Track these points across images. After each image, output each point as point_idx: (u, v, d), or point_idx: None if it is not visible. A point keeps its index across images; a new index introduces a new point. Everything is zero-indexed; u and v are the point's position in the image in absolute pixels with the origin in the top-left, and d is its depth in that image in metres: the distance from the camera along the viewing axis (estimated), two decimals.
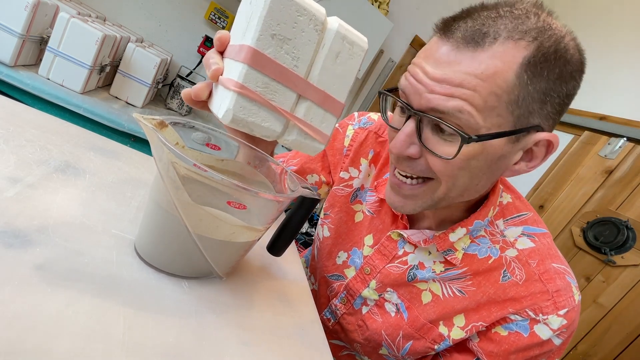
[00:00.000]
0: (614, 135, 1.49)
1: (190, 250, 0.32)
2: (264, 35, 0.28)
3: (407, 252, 0.52)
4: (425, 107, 0.37)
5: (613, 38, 1.65)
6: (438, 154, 0.38)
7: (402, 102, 0.40)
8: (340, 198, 0.60)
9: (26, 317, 0.22)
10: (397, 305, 0.52)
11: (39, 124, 0.45)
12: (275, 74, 0.29)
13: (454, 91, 0.35)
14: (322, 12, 0.30)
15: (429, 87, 0.36)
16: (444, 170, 0.39)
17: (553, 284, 0.42)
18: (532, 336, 0.42)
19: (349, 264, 0.58)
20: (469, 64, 0.34)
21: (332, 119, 0.34)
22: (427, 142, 0.38)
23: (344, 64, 0.32)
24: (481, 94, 0.34)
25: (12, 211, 0.29)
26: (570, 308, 0.42)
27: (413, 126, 0.39)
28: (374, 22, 1.70)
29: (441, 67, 0.36)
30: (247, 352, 0.30)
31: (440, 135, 0.38)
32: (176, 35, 1.58)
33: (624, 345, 1.32)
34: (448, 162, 0.38)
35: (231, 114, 0.29)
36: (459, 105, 0.35)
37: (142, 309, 0.28)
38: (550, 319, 0.41)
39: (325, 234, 0.61)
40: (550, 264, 0.44)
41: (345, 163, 0.60)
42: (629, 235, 1.34)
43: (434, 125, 0.38)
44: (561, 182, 1.62)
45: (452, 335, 0.48)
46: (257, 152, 0.42)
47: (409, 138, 0.39)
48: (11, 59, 0.98)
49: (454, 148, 0.37)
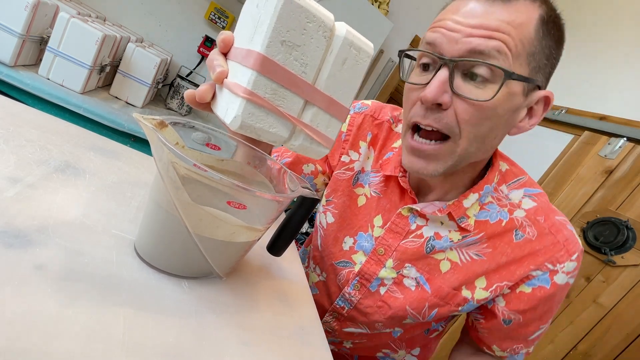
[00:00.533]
0: (614, 135, 1.49)
1: (190, 250, 0.32)
2: (273, 42, 0.28)
3: (420, 226, 0.53)
4: (464, 51, 0.39)
5: (613, 38, 1.65)
6: (473, 97, 0.40)
7: (432, 53, 0.41)
8: (343, 182, 0.61)
9: (26, 317, 0.22)
10: (416, 279, 0.53)
11: (39, 124, 0.45)
12: (284, 81, 0.29)
13: (492, 34, 0.38)
14: (330, 19, 0.30)
15: (466, 32, 0.39)
16: (470, 120, 0.41)
17: (561, 234, 0.47)
18: (554, 286, 0.47)
19: (356, 249, 0.58)
20: (501, 13, 0.39)
21: (337, 124, 0.34)
22: (459, 89, 0.40)
23: (351, 69, 0.32)
24: (514, 40, 0.39)
25: (12, 211, 0.29)
26: (579, 252, 0.47)
27: (446, 74, 0.40)
28: (374, 22, 1.70)
29: (475, 17, 0.39)
30: (247, 352, 0.30)
31: (472, 83, 0.40)
32: (176, 35, 1.58)
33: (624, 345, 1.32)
34: (478, 109, 0.40)
35: (239, 120, 0.29)
36: (498, 45, 0.38)
37: (142, 309, 0.28)
38: (566, 266, 0.46)
39: (329, 220, 0.61)
40: (554, 218, 0.49)
41: (345, 148, 0.61)
42: (629, 235, 1.34)
43: (464, 74, 0.41)
44: (561, 182, 1.62)
45: (476, 297, 0.50)
46: (256, 152, 0.42)
47: (442, 85, 0.40)
48: (11, 59, 0.98)
49: (487, 93, 0.40)
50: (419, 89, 0.43)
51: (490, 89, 0.40)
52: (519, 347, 0.52)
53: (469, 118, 0.41)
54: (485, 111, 0.40)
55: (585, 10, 1.78)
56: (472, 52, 0.39)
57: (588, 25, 1.75)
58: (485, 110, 0.40)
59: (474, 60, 0.39)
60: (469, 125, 0.41)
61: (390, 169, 0.55)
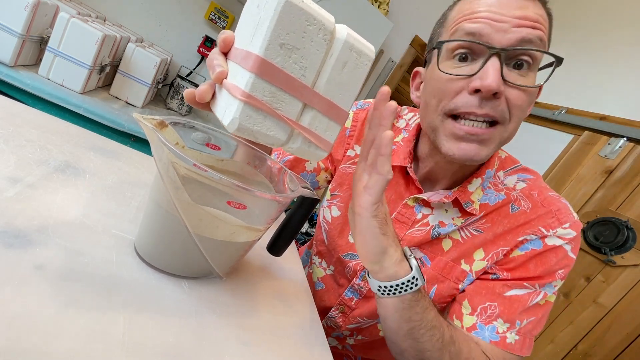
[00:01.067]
0: (614, 135, 1.49)
1: (190, 250, 0.32)
2: (272, 45, 0.27)
3: (425, 215, 0.54)
4: (515, 41, 0.41)
5: (613, 38, 1.65)
6: (523, 84, 0.42)
7: (480, 43, 0.42)
8: (349, 175, 0.62)
9: (26, 317, 0.22)
10: (420, 259, 0.54)
11: (39, 124, 0.45)
12: (283, 84, 0.29)
13: (535, 24, 0.41)
14: (331, 22, 0.29)
15: (514, 22, 0.41)
16: (521, 105, 0.43)
17: (553, 206, 0.49)
18: (545, 246, 0.47)
19: None
20: (534, 7, 0.42)
21: (336, 127, 0.33)
22: (509, 77, 0.42)
23: (351, 73, 0.32)
24: (546, 31, 0.42)
25: (12, 211, 0.29)
26: (571, 222, 0.48)
27: (498, 63, 0.41)
28: (374, 22, 1.70)
29: (515, 9, 0.41)
30: (247, 352, 0.30)
31: (518, 71, 0.42)
32: (176, 35, 1.58)
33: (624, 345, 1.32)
34: (528, 95, 0.43)
35: (237, 123, 0.29)
36: (541, 35, 0.41)
37: (142, 309, 0.28)
38: (558, 231, 0.47)
39: (335, 213, 0.62)
40: (547, 193, 0.51)
41: (350, 143, 0.62)
42: (629, 235, 1.34)
43: (508, 64, 0.42)
44: (561, 182, 1.62)
45: (474, 268, 0.51)
46: (256, 152, 0.42)
47: (499, 74, 0.41)
48: (11, 59, 0.98)
49: (530, 79, 0.43)
50: (462, 79, 0.43)
51: (531, 76, 0.43)
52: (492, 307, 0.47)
53: (520, 104, 0.43)
54: (532, 96, 0.44)
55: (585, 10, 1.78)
56: (523, 41, 0.41)
57: (588, 25, 1.75)
58: (532, 95, 0.44)
59: (528, 48, 0.41)
60: (519, 110, 0.43)
61: (400, 160, 0.55)
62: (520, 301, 0.46)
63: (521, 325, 0.46)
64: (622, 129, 1.47)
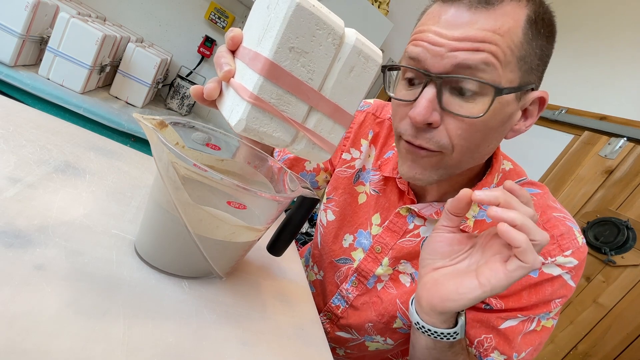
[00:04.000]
0: (614, 135, 1.49)
1: (190, 250, 0.32)
2: (282, 48, 0.27)
3: (417, 226, 0.52)
4: (450, 67, 0.37)
5: (613, 38, 1.65)
6: (465, 114, 0.38)
7: (417, 69, 0.39)
8: (344, 179, 0.61)
9: (26, 317, 0.22)
10: (411, 275, 0.53)
11: (39, 124, 0.45)
12: (290, 87, 0.29)
13: (478, 46, 0.36)
14: (341, 26, 0.29)
15: (451, 46, 0.37)
16: (462, 134, 0.39)
17: (557, 230, 0.44)
18: (542, 274, 0.44)
19: (356, 246, 0.58)
20: (485, 21, 0.36)
21: (340, 130, 0.34)
22: (449, 106, 0.38)
23: (358, 77, 0.32)
24: (502, 49, 0.36)
25: (12, 211, 0.29)
26: (574, 249, 0.43)
27: (433, 91, 0.38)
28: (374, 22, 1.70)
29: (458, 27, 0.37)
30: (247, 352, 0.30)
31: (461, 98, 0.38)
32: (176, 35, 1.58)
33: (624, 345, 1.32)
34: (469, 125, 0.39)
35: (244, 124, 0.29)
36: (485, 57, 0.36)
37: (142, 309, 0.28)
38: (558, 259, 0.43)
39: (330, 217, 0.61)
40: (551, 214, 0.46)
41: (346, 146, 0.61)
42: (629, 235, 1.34)
43: (452, 89, 0.39)
44: (561, 182, 1.62)
45: None
46: (257, 152, 0.42)
47: (431, 104, 0.38)
48: (11, 59, 0.98)
49: (478, 107, 0.38)
50: (407, 105, 0.41)
51: (481, 102, 0.38)
52: (488, 339, 0.46)
53: (461, 133, 0.39)
54: (477, 125, 0.39)
55: (585, 10, 1.78)
56: (459, 67, 0.37)
57: (588, 25, 1.75)
58: (477, 125, 0.39)
59: (462, 76, 0.37)
60: (461, 139, 0.40)
61: (389, 170, 0.55)
62: (514, 332, 0.45)
63: (518, 357, 0.45)
64: (622, 129, 1.47)
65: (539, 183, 0.52)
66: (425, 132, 0.40)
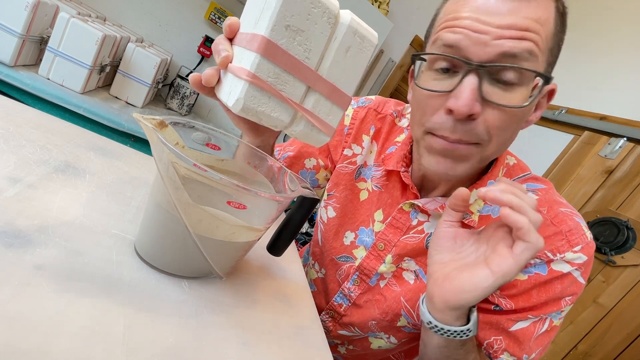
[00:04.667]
0: (614, 135, 1.49)
1: (190, 250, 0.32)
2: (277, 26, 0.28)
3: (421, 222, 0.51)
4: (494, 55, 0.36)
5: (613, 38, 1.65)
6: (508, 104, 0.37)
7: (457, 58, 0.38)
8: (345, 176, 0.60)
9: (26, 317, 0.22)
10: (415, 272, 0.52)
11: (39, 124, 0.45)
12: (287, 65, 0.29)
13: (523, 34, 0.35)
14: (335, 5, 0.30)
15: (496, 33, 0.36)
16: (501, 125, 0.38)
17: (565, 225, 0.44)
18: (551, 272, 0.43)
19: (357, 244, 0.57)
20: (527, 10, 0.36)
21: (339, 112, 0.34)
22: (490, 96, 0.37)
23: (354, 58, 0.32)
24: (542, 38, 0.36)
25: (12, 211, 0.29)
26: (584, 244, 0.43)
27: (476, 81, 0.37)
28: (374, 22, 1.70)
29: (502, 15, 0.36)
30: (247, 352, 0.30)
31: (500, 87, 0.38)
32: (176, 35, 1.58)
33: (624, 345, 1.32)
34: (510, 115, 0.38)
35: (242, 102, 0.29)
36: (530, 46, 0.36)
37: (142, 309, 0.28)
38: (567, 255, 0.43)
39: (331, 214, 0.61)
40: (558, 209, 0.46)
41: (347, 142, 0.61)
42: (629, 235, 1.34)
43: (492, 79, 0.38)
44: (561, 182, 1.62)
45: None
46: (257, 152, 0.42)
47: (474, 94, 0.37)
48: (11, 59, 0.98)
49: (517, 97, 0.37)
50: (441, 96, 0.40)
51: (519, 92, 0.38)
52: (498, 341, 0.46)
53: (500, 124, 0.38)
54: (517, 116, 0.39)
55: (585, 11, 1.78)
56: (504, 56, 0.36)
57: (588, 25, 1.75)
58: (518, 115, 0.39)
59: (508, 65, 0.36)
60: (500, 130, 0.39)
61: (393, 164, 0.54)
62: (525, 334, 0.44)
63: (528, 358, 0.45)
64: (622, 129, 1.47)
65: (543, 178, 0.51)
66: (464, 125, 0.38)
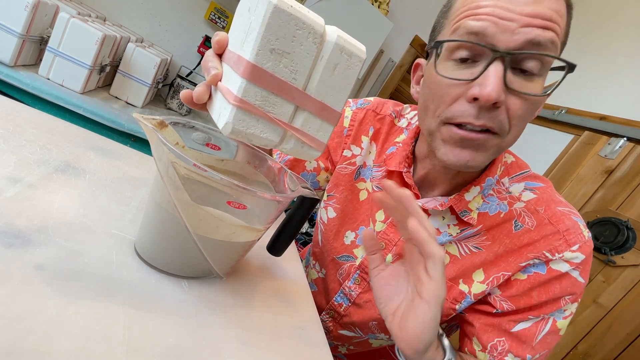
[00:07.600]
0: (614, 135, 1.49)
1: (190, 250, 0.32)
2: (262, 50, 0.28)
3: None
4: (521, 43, 0.36)
5: (613, 38, 1.65)
6: (532, 93, 0.38)
7: (484, 45, 0.37)
8: (345, 176, 0.61)
9: (26, 317, 0.22)
10: None
11: (39, 124, 0.45)
12: (274, 88, 0.29)
13: (547, 24, 0.36)
14: (320, 25, 0.29)
15: (523, 21, 0.36)
16: (522, 114, 0.39)
17: (562, 224, 0.45)
18: (550, 272, 0.44)
19: (358, 243, 0.57)
20: (549, 1, 0.36)
21: (328, 127, 0.34)
22: (513, 85, 0.38)
23: (342, 74, 0.32)
24: (561, 29, 0.37)
25: (12, 211, 0.29)
26: (581, 243, 0.43)
27: (502, 68, 0.37)
28: (374, 22, 1.70)
29: (527, 3, 0.36)
30: (247, 352, 0.30)
31: (522, 76, 0.38)
32: (176, 35, 1.58)
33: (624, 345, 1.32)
34: (531, 104, 0.39)
35: (230, 126, 0.29)
36: (553, 36, 0.36)
37: (142, 309, 0.28)
38: (565, 255, 0.43)
39: (331, 214, 0.61)
40: (555, 208, 0.46)
41: (347, 143, 0.61)
42: (629, 235, 1.34)
43: (514, 68, 0.38)
44: (561, 182, 1.62)
45: (473, 291, 0.48)
46: (257, 152, 0.42)
47: (501, 81, 0.37)
48: (11, 59, 0.98)
49: (537, 86, 0.38)
50: (461, 84, 0.39)
51: (538, 82, 0.38)
52: (502, 342, 0.46)
53: (521, 113, 0.39)
54: (537, 105, 0.39)
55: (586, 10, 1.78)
56: (530, 44, 0.36)
57: (588, 25, 1.75)
58: (538, 104, 0.39)
59: (537, 52, 0.36)
60: (519, 120, 0.39)
61: (395, 164, 0.54)
62: (528, 334, 0.45)
63: (532, 358, 0.44)
64: (622, 129, 1.47)
65: (542, 177, 0.51)
66: (489, 111, 0.38)
